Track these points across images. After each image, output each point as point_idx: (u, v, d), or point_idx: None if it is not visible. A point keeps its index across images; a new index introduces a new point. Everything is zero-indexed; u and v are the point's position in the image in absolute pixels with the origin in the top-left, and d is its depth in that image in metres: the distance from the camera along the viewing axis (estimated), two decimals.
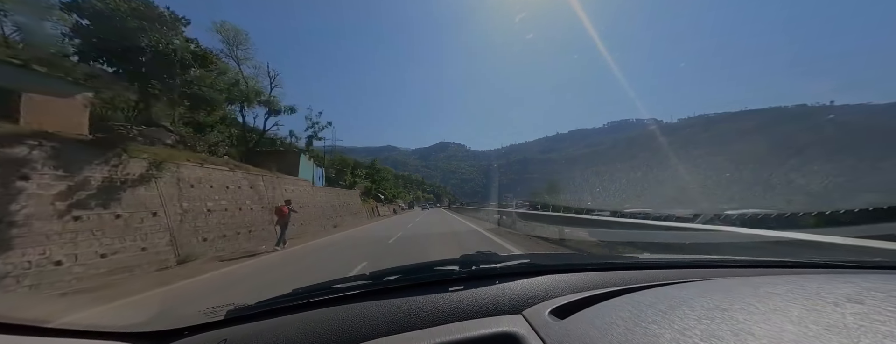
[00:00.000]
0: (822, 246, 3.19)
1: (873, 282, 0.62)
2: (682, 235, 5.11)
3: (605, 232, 7.69)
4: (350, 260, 7.61)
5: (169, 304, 4.79)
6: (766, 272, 1.11)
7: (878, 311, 0.49)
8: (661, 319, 0.57)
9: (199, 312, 1.01)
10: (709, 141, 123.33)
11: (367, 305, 0.89)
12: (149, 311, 1.37)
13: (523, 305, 0.82)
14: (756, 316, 0.53)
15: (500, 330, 0.70)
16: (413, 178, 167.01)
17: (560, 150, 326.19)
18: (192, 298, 4.96)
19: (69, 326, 0.81)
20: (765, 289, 0.66)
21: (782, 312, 0.53)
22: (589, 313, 0.68)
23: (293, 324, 0.85)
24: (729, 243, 4.18)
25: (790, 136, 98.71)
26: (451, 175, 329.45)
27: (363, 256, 7.80)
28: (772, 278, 0.79)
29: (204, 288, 5.56)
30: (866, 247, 2.89)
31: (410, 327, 0.77)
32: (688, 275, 1.02)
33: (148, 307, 4.19)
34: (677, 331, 0.51)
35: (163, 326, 0.93)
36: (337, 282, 1.09)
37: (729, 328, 0.50)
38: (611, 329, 0.57)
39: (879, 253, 2.81)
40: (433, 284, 1.02)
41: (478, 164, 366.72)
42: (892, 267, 1.09)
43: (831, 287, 0.61)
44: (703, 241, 4.70)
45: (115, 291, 5.51)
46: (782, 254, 3.44)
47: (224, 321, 0.95)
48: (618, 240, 7.02)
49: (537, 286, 0.93)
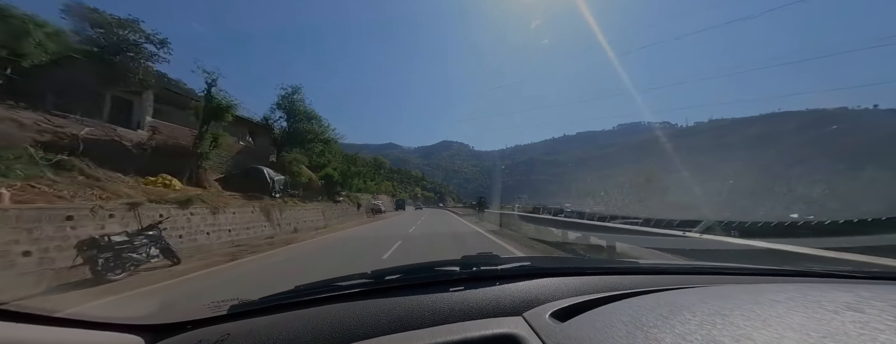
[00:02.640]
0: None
1: (873, 292, 0.64)
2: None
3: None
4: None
5: (173, 297, 4.88)
6: (767, 280, 1.13)
7: (879, 320, 0.51)
8: (662, 324, 0.58)
9: (204, 306, 1.04)
10: (744, 143, 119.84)
11: (368, 304, 0.92)
12: (154, 303, 1.40)
13: (524, 307, 0.84)
14: (756, 322, 0.54)
15: (501, 331, 0.71)
16: (413, 174, 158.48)
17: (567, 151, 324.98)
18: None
19: (75, 316, 0.84)
20: (765, 296, 0.68)
21: (783, 320, 0.54)
22: (590, 317, 0.70)
23: (295, 320, 0.88)
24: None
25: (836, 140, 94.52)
26: (454, 175, 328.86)
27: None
28: (772, 286, 0.82)
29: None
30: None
31: (411, 326, 0.79)
32: (688, 281, 1.05)
33: (153, 300, 4.22)
34: (678, 336, 0.53)
35: (167, 319, 0.96)
36: (339, 280, 1.12)
37: (729, 334, 0.51)
38: (611, 333, 0.58)
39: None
40: (434, 284, 1.04)
41: (481, 164, 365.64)
42: (891, 277, 1.12)
43: (831, 296, 0.63)
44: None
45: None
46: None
47: (227, 316, 0.98)
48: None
49: (538, 289, 0.95)
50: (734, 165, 67.89)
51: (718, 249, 4.97)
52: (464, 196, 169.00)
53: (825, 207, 21.67)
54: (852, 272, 1.16)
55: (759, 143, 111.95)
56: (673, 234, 6.32)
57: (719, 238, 5.47)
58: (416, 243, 10.93)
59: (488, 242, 11.83)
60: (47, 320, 0.79)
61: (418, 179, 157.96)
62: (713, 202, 29.20)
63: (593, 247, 9.39)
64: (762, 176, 48.71)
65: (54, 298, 5.00)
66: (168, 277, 6.26)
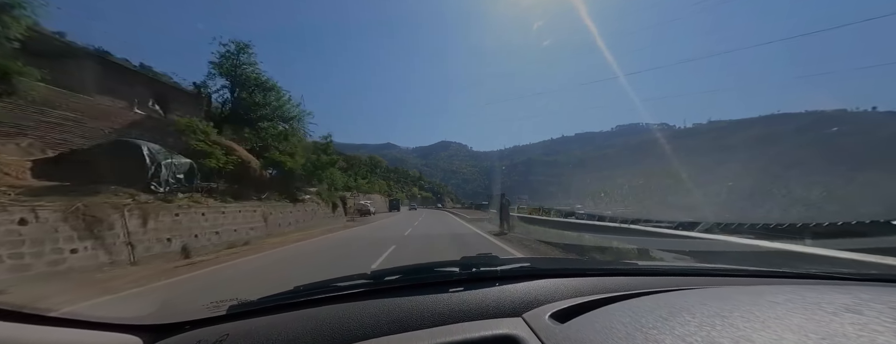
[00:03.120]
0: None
1: (871, 294, 0.65)
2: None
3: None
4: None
5: (171, 297, 4.87)
6: (765, 282, 1.14)
7: (878, 322, 0.52)
8: (662, 325, 0.59)
9: (202, 307, 1.04)
10: (743, 145, 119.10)
11: (368, 304, 0.92)
12: (152, 303, 1.39)
13: (524, 308, 0.84)
14: (756, 324, 0.55)
15: (501, 332, 0.72)
16: (410, 173, 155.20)
17: (566, 152, 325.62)
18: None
19: (72, 315, 0.84)
20: (764, 297, 0.69)
21: (781, 321, 0.55)
22: (589, 318, 0.70)
23: (295, 320, 0.88)
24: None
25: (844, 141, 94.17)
26: (452, 175, 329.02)
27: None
28: (771, 288, 0.83)
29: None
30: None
31: (411, 327, 0.79)
32: (687, 282, 1.06)
33: (151, 300, 4.22)
34: (678, 337, 0.53)
35: (165, 319, 0.96)
36: (339, 280, 1.12)
37: (729, 335, 0.52)
38: (611, 334, 0.59)
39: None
40: (434, 284, 1.04)
41: (479, 164, 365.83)
42: (889, 280, 1.13)
43: (830, 298, 0.64)
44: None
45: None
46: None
47: (226, 316, 0.98)
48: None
49: (538, 290, 0.95)
50: (733, 167, 67.87)
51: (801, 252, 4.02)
52: (462, 196, 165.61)
53: (823, 210, 21.68)
54: (851, 274, 1.17)
55: (758, 145, 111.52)
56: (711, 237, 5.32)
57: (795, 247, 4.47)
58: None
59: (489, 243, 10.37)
60: (44, 320, 0.79)
61: (415, 178, 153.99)
62: (712, 204, 29.13)
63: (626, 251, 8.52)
64: (761, 177, 48.82)
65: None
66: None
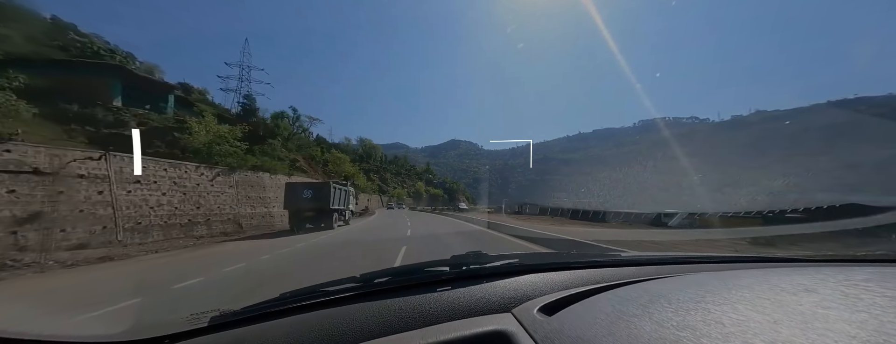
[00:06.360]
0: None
1: (826, 274, 0.73)
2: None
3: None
4: None
5: (150, 309, 4.46)
6: (735, 267, 1.24)
7: (831, 299, 0.59)
8: (642, 313, 0.64)
9: (182, 319, 1.02)
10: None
11: (357, 308, 0.94)
12: (129, 319, 1.41)
13: (512, 303, 0.89)
14: (725, 306, 0.61)
15: (491, 329, 0.76)
16: (417, 169, 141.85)
17: (584, 149, 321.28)
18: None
19: (48, 337, 0.84)
20: (733, 281, 0.76)
21: (748, 302, 0.62)
22: (575, 310, 0.75)
23: (281, 328, 0.89)
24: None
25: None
26: (463, 174, 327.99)
27: None
28: (740, 272, 0.92)
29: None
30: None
31: (402, 329, 0.82)
32: (667, 271, 1.13)
33: (128, 315, 4.04)
34: (656, 323, 0.59)
35: (143, 334, 0.95)
36: (326, 285, 1.14)
37: (701, 319, 0.58)
38: (596, 324, 0.64)
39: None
40: (423, 284, 1.07)
41: (491, 163, 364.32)
42: (843, 260, 1.24)
43: (790, 279, 0.72)
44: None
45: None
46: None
47: (208, 328, 0.97)
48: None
49: (525, 285, 1.00)
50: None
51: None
52: (474, 196, 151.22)
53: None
54: (809, 257, 1.28)
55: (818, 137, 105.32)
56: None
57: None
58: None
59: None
60: (15, 343, 0.80)
61: (421, 172, 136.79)
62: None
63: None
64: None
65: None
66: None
